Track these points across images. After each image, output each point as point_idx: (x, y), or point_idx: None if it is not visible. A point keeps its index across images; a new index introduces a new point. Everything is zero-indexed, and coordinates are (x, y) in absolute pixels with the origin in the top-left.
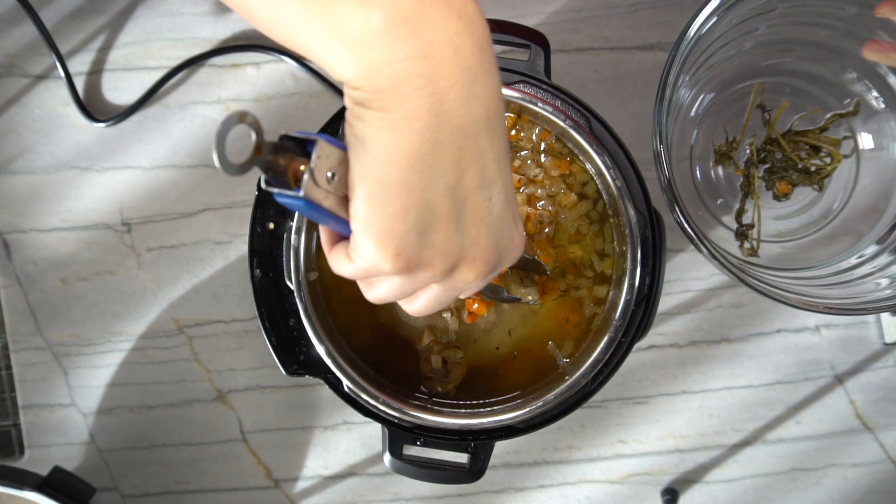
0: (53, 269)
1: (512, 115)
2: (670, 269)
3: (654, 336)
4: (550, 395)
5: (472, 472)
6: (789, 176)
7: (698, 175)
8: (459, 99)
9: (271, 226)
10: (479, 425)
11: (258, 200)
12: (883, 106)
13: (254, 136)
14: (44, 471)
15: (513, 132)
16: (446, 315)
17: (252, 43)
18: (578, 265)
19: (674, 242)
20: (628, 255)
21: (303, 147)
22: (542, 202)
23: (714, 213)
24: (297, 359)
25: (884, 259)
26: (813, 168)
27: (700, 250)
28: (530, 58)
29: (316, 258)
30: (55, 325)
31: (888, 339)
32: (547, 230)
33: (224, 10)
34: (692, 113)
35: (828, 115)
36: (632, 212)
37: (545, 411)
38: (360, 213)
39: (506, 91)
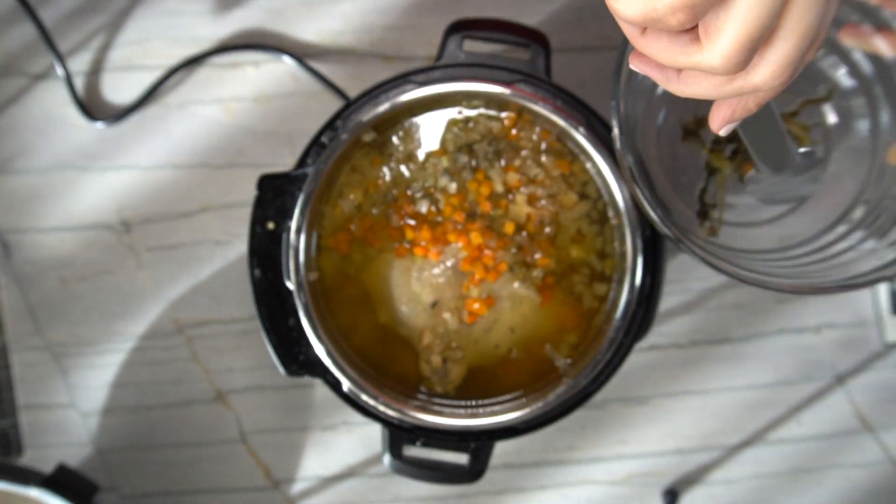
0: (52, 269)
1: (512, 115)
2: (671, 268)
3: (654, 336)
4: (551, 396)
5: (472, 473)
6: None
7: (664, 152)
8: None
9: (271, 226)
10: (479, 426)
11: (258, 200)
12: (853, 83)
13: None
14: (44, 471)
15: (513, 132)
16: (446, 315)
17: (252, 42)
18: (579, 265)
19: None
20: (628, 255)
21: None
22: (543, 202)
23: (678, 194)
24: (296, 359)
25: (857, 236)
26: None
27: (662, 230)
28: (531, 57)
29: (316, 258)
30: (54, 325)
31: (889, 340)
32: (547, 230)
33: (224, 9)
34: (659, 90)
35: (799, 101)
36: (632, 211)
37: (545, 412)
38: None
39: (506, 91)
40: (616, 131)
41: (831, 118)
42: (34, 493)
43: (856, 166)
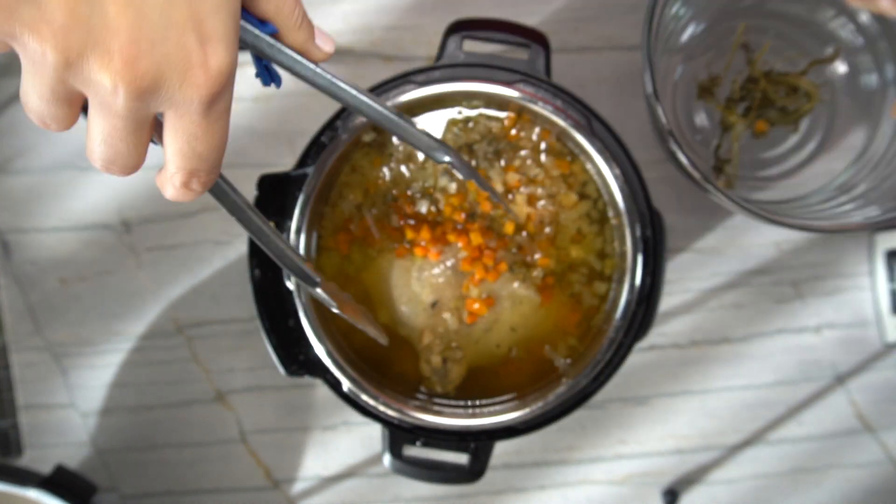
0: (52, 269)
1: (512, 115)
2: (671, 269)
3: (654, 336)
4: (551, 396)
5: (472, 473)
6: (767, 114)
7: (680, 109)
8: None
9: (271, 225)
10: (479, 425)
11: (258, 200)
12: (861, 41)
13: None
14: (44, 471)
15: (513, 132)
16: (446, 315)
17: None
18: (579, 265)
19: (674, 242)
20: (628, 255)
21: None
22: (543, 202)
23: (694, 150)
24: (296, 359)
25: (862, 188)
26: (791, 108)
27: (693, 174)
28: (530, 57)
29: (316, 258)
30: (54, 325)
31: (889, 340)
32: (547, 230)
33: None
34: (680, 41)
35: (807, 61)
36: (632, 211)
37: (545, 412)
38: None
39: (506, 91)
40: (649, 84)
41: (841, 71)
42: (32, 494)
43: (862, 121)
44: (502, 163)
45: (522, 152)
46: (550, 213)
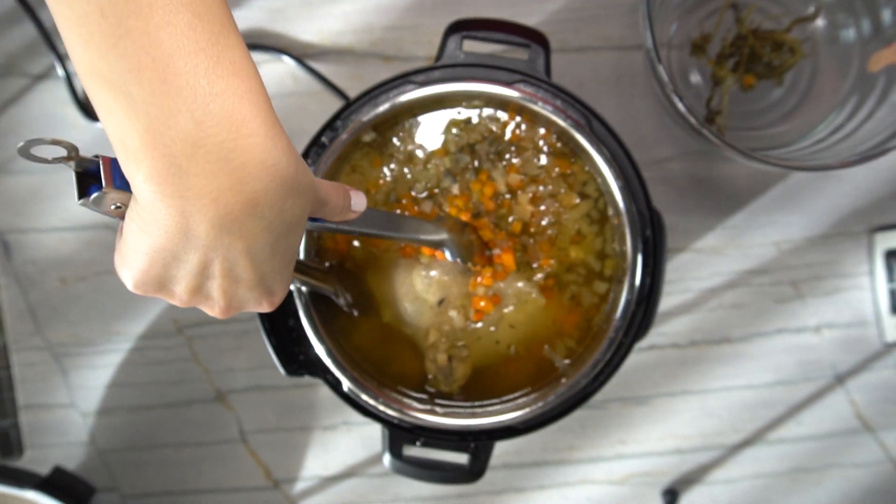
0: (53, 269)
1: (512, 115)
2: (670, 269)
3: (654, 336)
4: (551, 396)
5: (472, 473)
6: (754, 68)
7: (675, 65)
8: (208, 232)
9: None
10: (479, 425)
11: None
12: (843, 4)
13: (65, 151)
14: (44, 471)
15: (514, 132)
16: (452, 313)
17: (252, 42)
18: (579, 265)
19: (674, 242)
20: (628, 255)
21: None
22: (544, 202)
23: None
24: (296, 359)
25: (840, 134)
26: (776, 62)
27: (690, 119)
28: (530, 57)
29: (316, 259)
30: (55, 325)
31: (889, 340)
32: (549, 231)
33: None
34: (673, 3)
35: (790, 19)
36: (632, 211)
37: (545, 411)
38: (119, 245)
39: (506, 91)
40: (649, 39)
41: (821, 27)
42: (30, 495)
43: (841, 74)
44: (504, 163)
45: (525, 153)
46: (552, 213)
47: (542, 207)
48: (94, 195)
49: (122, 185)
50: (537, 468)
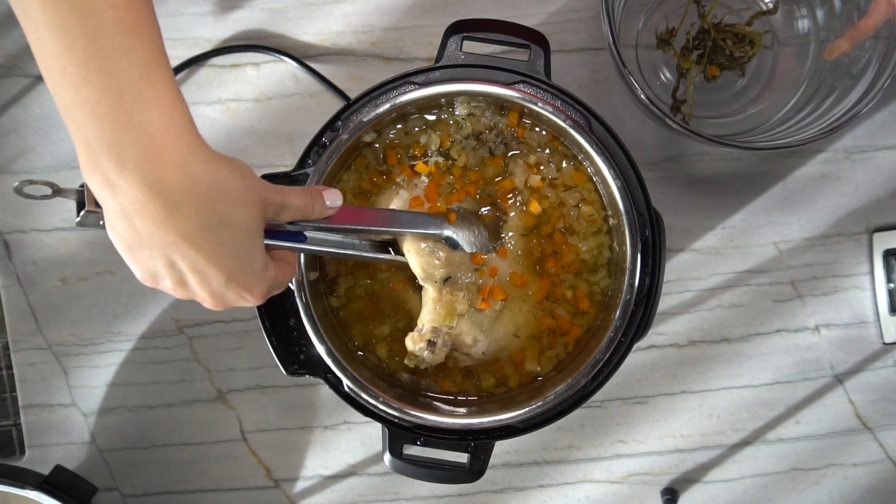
0: (54, 268)
1: (514, 115)
2: (670, 269)
3: (653, 336)
4: (550, 395)
5: (472, 472)
6: (717, 60)
7: (643, 59)
8: (152, 230)
9: None
10: (479, 425)
11: None
12: None
13: (50, 190)
14: (45, 470)
15: (518, 130)
16: (460, 293)
17: (252, 43)
18: (579, 265)
19: (673, 242)
20: (628, 255)
21: None
22: (552, 202)
23: (655, 93)
24: (297, 359)
25: (800, 117)
26: (737, 54)
27: (653, 110)
28: (530, 58)
29: (316, 259)
30: (55, 324)
31: (887, 339)
32: (552, 233)
33: (224, 10)
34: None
35: (751, 13)
36: (632, 211)
37: (545, 411)
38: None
39: (506, 91)
40: (608, 31)
41: (779, 20)
42: (31, 494)
43: (798, 62)
44: (525, 160)
45: (538, 152)
46: (553, 213)
47: (546, 203)
48: (80, 215)
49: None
50: (537, 467)
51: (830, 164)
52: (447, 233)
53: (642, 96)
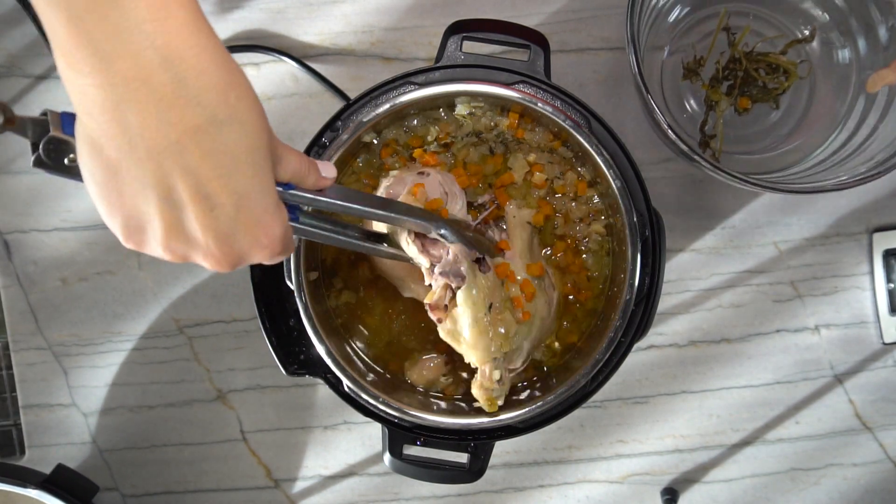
0: (54, 269)
1: (514, 115)
2: (670, 269)
3: (653, 336)
4: (550, 395)
5: (472, 472)
6: (749, 91)
7: (668, 90)
8: (149, 126)
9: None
10: (479, 425)
11: None
12: (831, 18)
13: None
14: (45, 471)
15: (518, 131)
16: (506, 315)
17: (252, 43)
18: (578, 265)
19: (673, 242)
20: (628, 255)
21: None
22: (556, 201)
23: (682, 127)
24: (297, 359)
25: (840, 156)
26: (771, 85)
27: (680, 145)
28: (530, 58)
29: (316, 258)
30: (56, 324)
31: (887, 340)
32: (555, 232)
33: (224, 10)
34: (667, 23)
35: (786, 41)
36: (632, 212)
37: (545, 411)
38: (91, 195)
39: (505, 91)
40: (635, 63)
41: (816, 49)
42: (33, 493)
43: (838, 96)
44: (530, 157)
45: (538, 152)
46: (553, 213)
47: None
48: (42, 145)
49: (72, 131)
50: (537, 467)
51: None
52: (442, 231)
53: (670, 133)
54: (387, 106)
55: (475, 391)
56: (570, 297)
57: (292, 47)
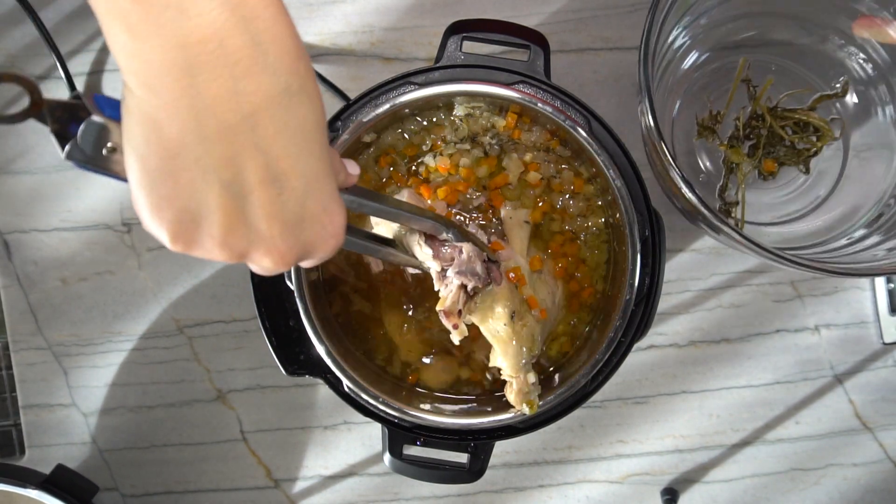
0: (54, 269)
1: (513, 115)
2: (670, 269)
3: (653, 336)
4: (550, 395)
5: (472, 472)
6: (775, 152)
7: (680, 148)
8: (224, 94)
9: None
10: (479, 425)
11: None
12: (872, 71)
13: (27, 101)
14: (45, 471)
15: (515, 131)
16: (528, 321)
17: None
18: (578, 265)
19: (673, 242)
20: (628, 255)
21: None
22: (560, 202)
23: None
24: (297, 359)
25: (874, 239)
26: (801, 146)
27: (704, 213)
28: (530, 58)
29: (325, 267)
30: (56, 325)
31: (887, 339)
32: (554, 234)
33: None
34: (679, 73)
35: (815, 96)
36: (632, 212)
37: (545, 411)
38: (133, 192)
39: (505, 91)
40: (650, 116)
41: (851, 105)
42: (33, 493)
43: (881, 162)
44: (527, 157)
45: (534, 152)
46: (554, 212)
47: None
48: (83, 127)
49: (113, 114)
50: (537, 467)
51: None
52: (451, 233)
53: (695, 202)
54: (387, 106)
55: (513, 399)
56: (574, 291)
57: None
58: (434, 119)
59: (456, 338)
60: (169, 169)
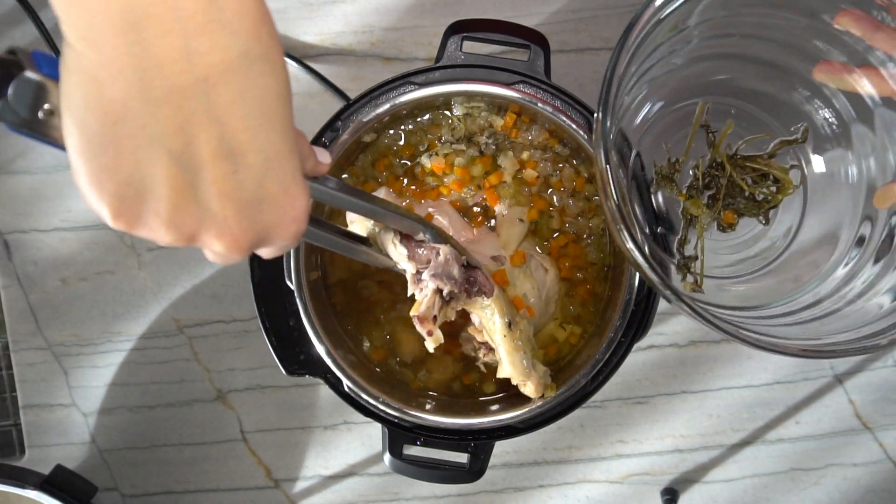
0: (54, 269)
1: (512, 115)
2: None
3: (653, 336)
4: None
5: (472, 472)
6: (735, 204)
7: (635, 201)
8: (174, 53)
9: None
10: (479, 425)
11: None
12: (835, 128)
13: None
14: (44, 470)
15: (513, 131)
16: (523, 323)
17: None
18: (578, 265)
19: None
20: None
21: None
22: (557, 201)
23: (656, 245)
24: (297, 359)
25: (861, 282)
26: (760, 197)
27: (662, 292)
28: (530, 58)
29: (317, 259)
30: (55, 325)
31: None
32: (556, 235)
33: None
34: (634, 123)
35: (775, 142)
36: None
37: (545, 411)
38: (71, 161)
39: (505, 91)
40: (608, 171)
41: (816, 164)
42: (32, 494)
43: (841, 212)
44: (524, 155)
45: (531, 151)
46: (555, 212)
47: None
48: (14, 84)
49: (52, 72)
50: (537, 467)
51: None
52: (429, 234)
53: (650, 273)
54: (387, 106)
55: (531, 395)
56: (575, 291)
57: (292, 47)
58: (432, 119)
59: (430, 345)
60: (111, 136)
